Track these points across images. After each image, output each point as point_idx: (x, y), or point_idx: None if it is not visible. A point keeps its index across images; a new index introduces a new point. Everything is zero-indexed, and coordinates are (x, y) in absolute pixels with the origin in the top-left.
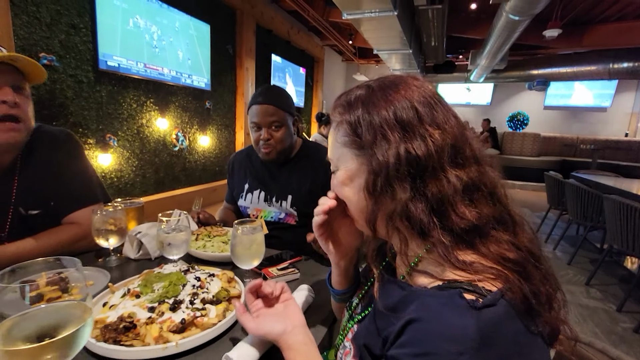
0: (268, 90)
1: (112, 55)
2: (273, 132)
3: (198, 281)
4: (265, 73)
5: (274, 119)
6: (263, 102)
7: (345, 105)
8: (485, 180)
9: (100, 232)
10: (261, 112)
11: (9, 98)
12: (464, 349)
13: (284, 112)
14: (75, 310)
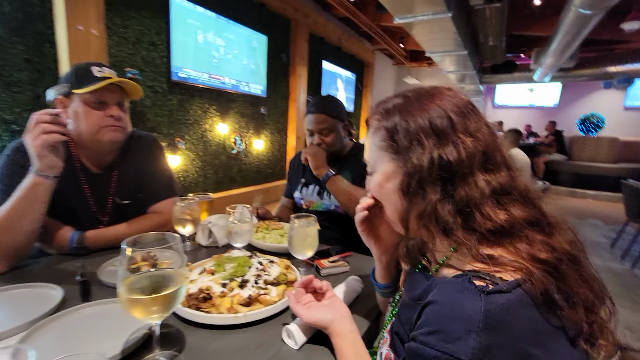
0: (320, 100)
1: (183, 67)
2: (324, 137)
3: (261, 265)
4: (317, 79)
5: (324, 126)
6: (315, 112)
7: (383, 113)
8: (516, 185)
9: (179, 221)
10: (313, 120)
11: (115, 113)
12: (472, 328)
13: (334, 119)
14: (174, 276)
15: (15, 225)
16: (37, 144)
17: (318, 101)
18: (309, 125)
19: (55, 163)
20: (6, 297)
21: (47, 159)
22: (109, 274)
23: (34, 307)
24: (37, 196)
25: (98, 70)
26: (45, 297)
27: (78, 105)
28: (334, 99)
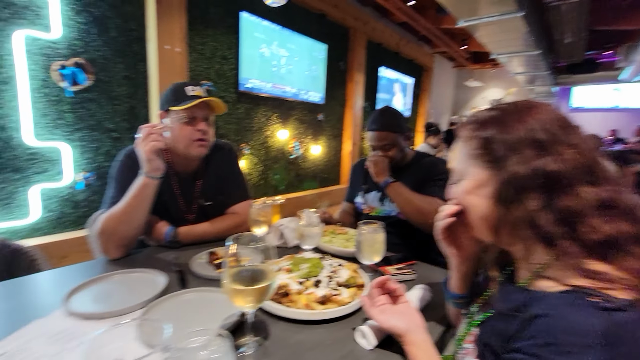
0: (380, 116)
1: (249, 78)
2: (386, 152)
3: (332, 267)
4: (373, 85)
5: (385, 142)
6: (376, 130)
7: (478, 123)
8: (621, 200)
9: (254, 222)
10: (375, 138)
11: (202, 128)
12: (591, 343)
13: (395, 133)
14: (267, 272)
15: (129, 219)
16: (147, 149)
17: (378, 118)
18: (371, 141)
19: (159, 165)
20: (126, 279)
21: (154, 162)
22: (198, 266)
23: (146, 289)
24: (146, 194)
25: (191, 89)
26: (154, 281)
27: (174, 121)
28: (393, 112)
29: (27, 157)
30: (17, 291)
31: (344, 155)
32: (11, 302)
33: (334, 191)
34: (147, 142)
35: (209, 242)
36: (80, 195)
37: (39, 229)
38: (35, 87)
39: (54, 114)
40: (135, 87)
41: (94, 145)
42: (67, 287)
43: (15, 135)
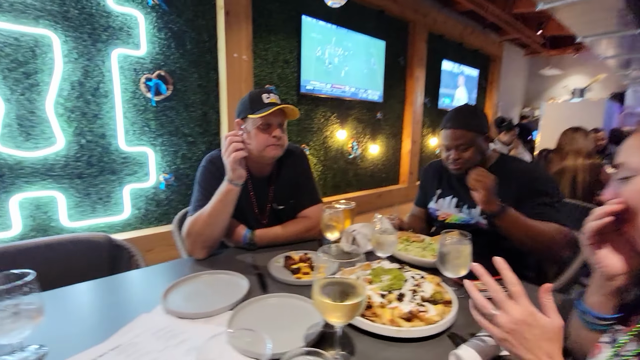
0: (457, 114)
1: (309, 80)
2: (461, 153)
3: (414, 280)
4: (435, 80)
5: (461, 142)
6: (451, 127)
7: None
8: None
9: (326, 227)
10: (449, 136)
11: (277, 134)
12: None
13: (473, 132)
14: (357, 286)
15: (214, 222)
16: (231, 159)
17: (454, 115)
18: (444, 140)
19: (242, 173)
20: (213, 280)
21: (237, 171)
22: (276, 270)
23: (231, 291)
24: (229, 200)
25: (266, 96)
26: (237, 284)
27: (250, 127)
28: (473, 109)
29: (121, 161)
30: (122, 286)
31: (403, 154)
32: (118, 296)
33: (393, 191)
34: (231, 151)
35: (282, 245)
36: (162, 195)
37: (129, 224)
38: (126, 98)
39: (141, 122)
40: (207, 94)
41: (173, 149)
42: (163, 284)
43: (112, 142)
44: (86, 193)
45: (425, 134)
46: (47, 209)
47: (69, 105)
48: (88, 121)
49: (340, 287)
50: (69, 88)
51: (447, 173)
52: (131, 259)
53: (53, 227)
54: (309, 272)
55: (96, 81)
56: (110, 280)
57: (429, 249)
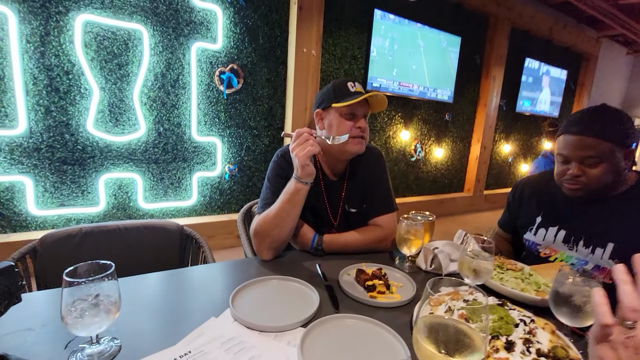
0: (589, 116)
1: (377, 77)
2: (586, 168)
3: (525, 325)
4: (515, 80)
5: (590, 154)
6: (578, 133)
7: None
8: None
9: (403, 240)
10: (573, 145)
11: (362, 125)
12: None
13: (611, 143)
14: (475, 338)
15: (282, 222)
16: (303, 154)
17: (585, 116)
18: (564, 149)
19: (312, 171)
20: (282, 287)
21: (308, 168)
22: (347, 283)
23: (302, 304)
24: (297, 199)
25: (352, 85)
26: (308, 296)
27: (334, 117)
28: (614, 111)
29: (192, 149)
30: (191, 281)
31: (471, 160)
32: (188, 292)
33: (456, 199)
34: (305, 147)
35: (349, 254)
36: (226, 185)
37: (194, 210)
38: (201, 90)
39: (213, 113)
40: (274, 88)
41: (238, 141)
42: (231, 284)
43: (186, 131)
44: (160, 177)
45: (498, 140)
46: (127, 189)
47: (152, 95)
48: (167, 110)
49: (451, 332)
50: (152, 79)
51: (550, 194)
52: (199, 250)
53: (131, 207)
54: (385, 292)
55: (176, 73)
56: (181, 274)
57: (531, 282)
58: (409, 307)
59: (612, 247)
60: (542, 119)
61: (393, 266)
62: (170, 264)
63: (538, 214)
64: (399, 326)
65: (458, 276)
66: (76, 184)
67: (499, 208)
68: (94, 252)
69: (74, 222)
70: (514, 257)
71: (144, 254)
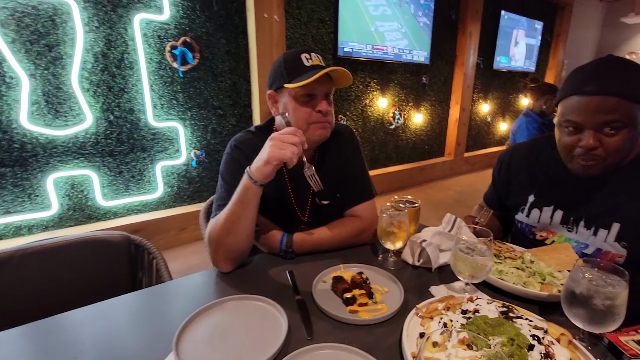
0: (607, 71)
1: (348, 42)
2: (604, 137)
3: (539, 343)
4: (491, 35)
5: (612, 118)
6: (596, 92)
7: None
8: None
9: (385, 233)
10: (590, 108)
11: (323, 109)
12: None
13: (636, 104)
14: None
15: (235, 228)
16: (276, 156)
17: (600, 72)
18: (575, 114)
19: (270, 176)
20: (241, 310)
21: (268, 169)
22: (322, 295)
23: (266, 332)
24: (248, 200)
25: (307, 58)
26: (273, 319)
27: (288, 100)
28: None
29: (151, 137)
30: (134, 311)
31: (450, 123)
32: (126, 329)
33: (436, 165)
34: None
35: (325, 251)
36: (194, 172)
37: (163, 203)
38: (152, 69)
39: (169, 94)
40: (236, 61)
41: (202, 124)
42: (183, 309)
43: (141, 117)
44: (119, 171)
45: (476, 100)
46: (82, 188)
47: (94, 79)
48: (115, 95)
49: None
50: (92, 60)
51: (547, 170)
52: (152, 262)
53: (89, 207)
54: (367, 302)
55: (120, 51)
56: (117, 305)
57: (534, 272)
58: (398, 320)
59: (618, 227)
60: (520, 74)
61: (376, 264)
62: (119, 285)
63: (530, 192)
64: (388, 350)
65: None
66: (20, 188)
67: (479, 170)
68: (13, 285)
69: (25, 229)
70: (504, 235)
71: (84, 278)
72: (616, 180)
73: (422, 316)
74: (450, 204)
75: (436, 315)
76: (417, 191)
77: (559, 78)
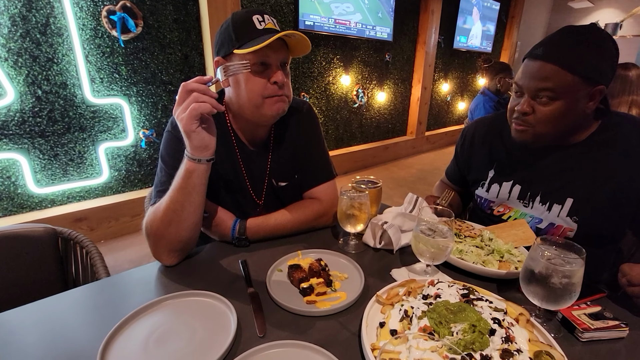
0: (561, 37)
1: (309, 14)
2: (538, 104)
3: (500, 326)
4: (452, 15)
5: (546, 86)
6: (539, 57)
7: None
8: None
9: (346, 217)
10: (529, 72)
11: (279, 80)
12: None
13: (576, 77)
14: None
15: (177, 217)
16: (185, 116)
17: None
18: (520, 77)
19: (206, 141)
20: (182, 309)
21: (197, 136)
22: (277, 286)
23: (211, 335)
24: (193, 184)
25: (259, 19)
26: (220, 317)
27: (238, 69)
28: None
29: (90, 115)
30: (59, 315)
31: (412, 101)
32: (50, 339)
33: (399, 143)
34: (185, 106)
35: (285, 237)
36: (144, 154)
37: (110, 188)
38: (86, 37)
39: (109, 67)
40: (186, 31)
41: (151, 100)
42: (117, 312)
43: (77, 93)
44: (53, 154)
45: (437, 79)
46: (9, 174)
47: (13, 46)
48: (42, 67)
49: None
50: (9, 24)
51: (506, 144)
52: (86, 256)
53: (19, 195)
54: (326, 291)
55: (43, 15)
56: (36, 311)
57: (492, 250)
58: (357, 308)
59: (571, 203)
60: (477, 54)
61: (336, 248)
62: (50, 286)
63: (490, 167)
64: (346, 342)
65: (411, 250)
66: None
67: (439, 148)
68: None
69: None
70: (463, 212)
71: (5, 279)
72: (571, 156)
73: (382, 303)
74: (413, 181)
75: (397, 301)
76: (380, 170)
77: (513, 59)
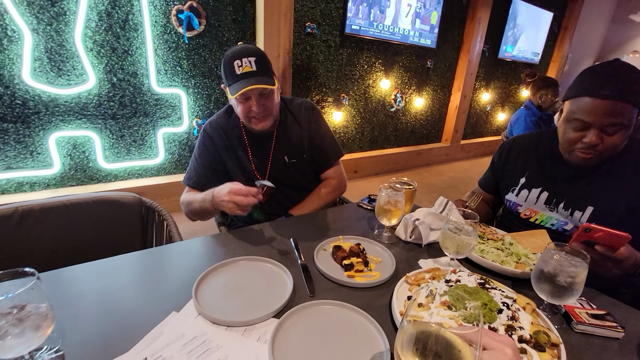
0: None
1: (356, 19)
2: (605, 135)
3: (508, 309)
4: (499, 24)
5: (617, 121)
6: (610, 97)
7: None
8: None
9: (383, 211)
10: (601, 110)
11: (255, 108)
12: None
13: (636, 107)
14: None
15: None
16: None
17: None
18: (585, 114)
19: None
20: (251, 269)
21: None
22: (323, 260)
23: (274, 291)
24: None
25: (238, 65)
26: (280, 280)
27: (231, 96)
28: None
29: (154, 103)
30: (151, 266)
31: (450, 109)
32: (146, 281)
33: (433, 150)
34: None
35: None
36: (195, 141)
37: (163, 169)
38: (156, 33)
39: (173, 60)
40: (242, 31)
41: (206, 93)
42: (197, 267)
43: (145, 82)
44: (120, 135)
45: (478, 88)
46: (84, 149)
47: (98, 38)
48: (118, 58)
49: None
50: (96, 19)
51: (540, 156)
52: (163, 223)
53: (90, 168)
54: (363, 270)
55: (124, 11)
56: (136, 259)
57: (511, 253)
58: (389, 286)
59: (591, 210)
60: (523, 65)
61: (372, 237)
62: (130, 245)
63: (522, 175)
64: (379, 309)
65: (438, 246)
66: (22, 144)
67: (473, 157)
68: (35, 236)
69: (26, 185)
70: (492, 220)
71: (97, 234)
72: (597, 170)
73: (410, 283)
74: (444, 188)
75: (423, 283)
76: (412, 174)
77: (562, 72)
